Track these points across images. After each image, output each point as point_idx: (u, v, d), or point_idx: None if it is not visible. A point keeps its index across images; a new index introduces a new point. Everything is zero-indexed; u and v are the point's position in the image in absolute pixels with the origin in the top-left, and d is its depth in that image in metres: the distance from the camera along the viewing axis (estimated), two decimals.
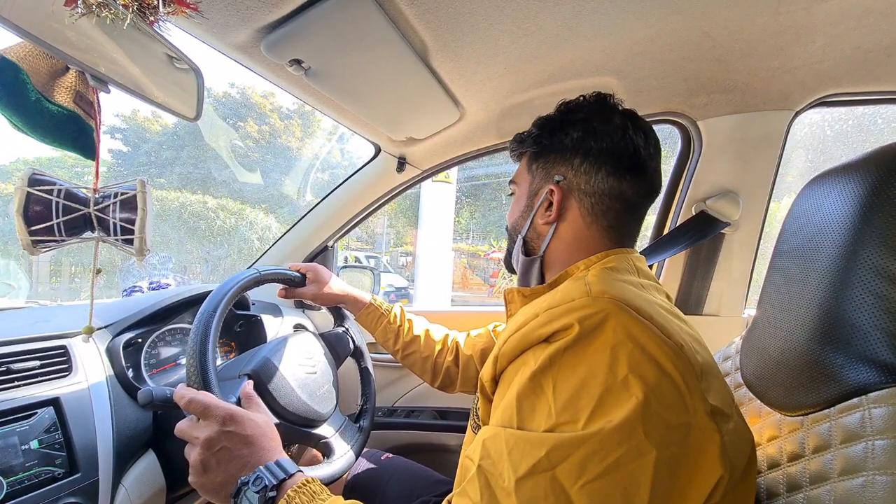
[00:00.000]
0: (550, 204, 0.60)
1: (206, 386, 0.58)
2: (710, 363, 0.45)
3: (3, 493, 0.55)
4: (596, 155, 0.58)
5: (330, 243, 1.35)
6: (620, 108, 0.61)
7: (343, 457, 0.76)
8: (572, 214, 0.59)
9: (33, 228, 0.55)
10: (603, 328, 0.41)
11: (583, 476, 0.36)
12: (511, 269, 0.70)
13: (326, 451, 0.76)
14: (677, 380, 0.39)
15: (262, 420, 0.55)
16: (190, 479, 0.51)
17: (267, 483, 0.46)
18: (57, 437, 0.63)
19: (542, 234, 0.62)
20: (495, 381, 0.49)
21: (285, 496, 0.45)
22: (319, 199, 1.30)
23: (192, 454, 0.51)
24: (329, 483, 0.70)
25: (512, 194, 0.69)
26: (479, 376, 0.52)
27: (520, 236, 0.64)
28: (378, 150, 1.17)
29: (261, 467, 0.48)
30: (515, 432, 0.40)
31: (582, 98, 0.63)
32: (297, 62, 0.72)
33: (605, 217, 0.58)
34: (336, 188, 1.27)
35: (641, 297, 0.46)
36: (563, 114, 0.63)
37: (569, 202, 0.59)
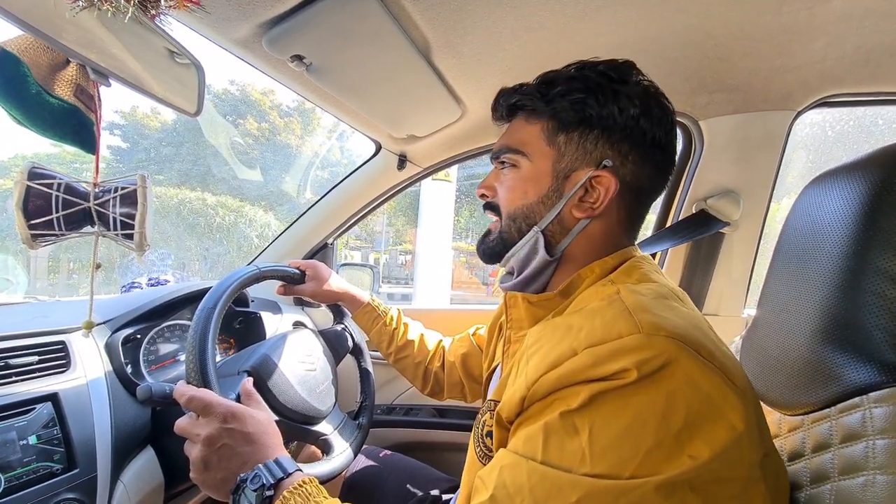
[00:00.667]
0: (586, 191, 0.49)
1: (205, 382, 0.58)
2: (756, 393, 0.41)
3: (2, 488, 0.55)
4: (647, 145, 0.48)
5: (330, 241, 1.35)
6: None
7: (342, 454, 0.76)
8: (609, 209, 0.50)
9: (33, 222, 0.54)
10: (663, 373, 0.35)
11: None
12: (493, 261, 0.58)
13: (325, 448, 0.76)
14: (741, 432, 0.34)
15: (262, 417, 0.55)
16: (191, 475, 0.51)
17: (265, 482, 0.46)
18: (55, 432, 0.63)
19: (568, 228, 0.51)
20: (519, 415, 0.43)
21: (281, 497, 0.45)
22: (319, 197, 1.30)
23: (193, 451, 0.51)
24: (328, 480, 0.70)
25: (503, 165, 0.55)
26: (497, 410, 0.45)
27: (537, 228, 0.52)
28: (378, 148, 1.17)
29: (260, 465, 0.48)
30: (539, 467, 0.36)
31: (629, 62, 0.50)
32: (299, 58, 0.72)
33: (638, 215, 0.52)
34: (336, 186, 1.27)
35: (693, 324, 0.40)
36: (609, 78, 0.49)
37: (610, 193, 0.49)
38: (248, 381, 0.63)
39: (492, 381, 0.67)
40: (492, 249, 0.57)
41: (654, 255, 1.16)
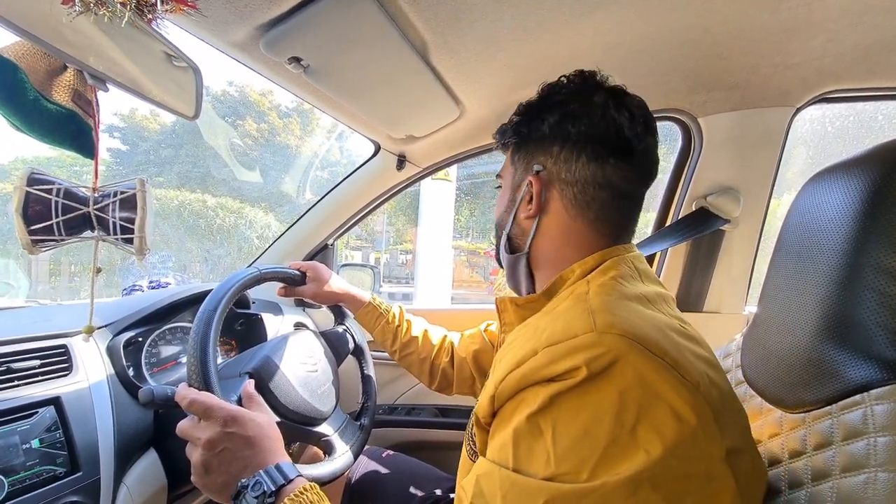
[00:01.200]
0: (532, 197, 0.56)
1: (206, 385, 0.58)
2: (726, 391, 0.42)
3: (5, 492, 0.55)
4: (575, 140, 0.53)
5: (330, 241, 1.35)
6: (606, 85, 0.56)
7: (344, 455, 0.76)
8: (555, 207, 0.55)
9: (33, 228, 0.54)
10: (612, 371, 0.37)
11: None
12: (500, 265, 0.66)
13: (327, 449, 0.76)
14: (694, 426, 0.36)
15: (263, 420, 0.55)
16: (193, 478, 0.51)
17: (266, 489, 0.46)
18: (58, 436, 0.63)
19: (525, 229, 0.58)
20: (492, 415, 0.45)
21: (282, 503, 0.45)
22: (319, 198, 1.30)
23: (195, 455, 0.51)
24: (330, 481, 0.70)
25: (499, 187, 0.65)
26: (475, 411, 0.48)
27: (504, 232, 0.61)
28: (378, 148, 1.17)
29: (260, 471, 0.48)
30: (511, 475, 0.38)
31: (564, 78, 0.58)
32: (297, 60, 0.72)
33: (590, 208, 0.53)
34: (335, 186, 1.27)
35: (653, 324, 0.42)
36: (542, 98, 0.58)
37: (550, 193, 0.55)
38: (250, 384, 0.63)
39: None
40: (497, 257, 0.66)
41: (654, 254, 1.15)
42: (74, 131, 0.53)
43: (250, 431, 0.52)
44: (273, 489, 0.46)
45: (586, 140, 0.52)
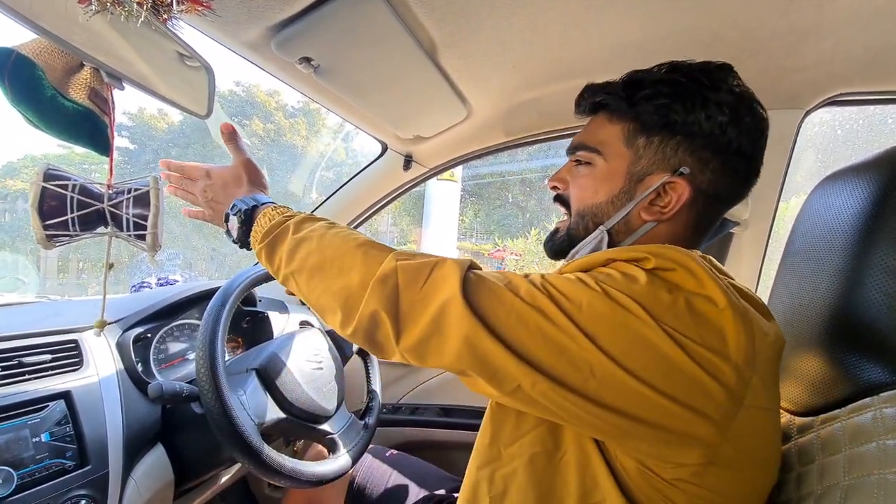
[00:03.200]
0: (658, 195, 0.49)
1: (215, 380, 0.59)
2: (775, 348, 0.41)
3: (15, 484, 0.56)
4: (732, 153, 0.47)
5: None
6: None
7: (348, 453, 0.77)
8: (679, 214, 0.49)
9: (48, 223, 0.55)
10: (674, 270, 0.39)
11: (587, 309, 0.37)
12: (559, 257, 0.58)
13: (332, 447, 0.76)
14: (730, 336, 0.36)
15: (228, 171, 0.65)
16: (206, 215, 0.66)
17: (241, 207, 0.58)
18: (68, 429, 0.64)
19: (633, 228, 0.51)
20: None
21: (259, 216, 0.57)
22: (325, 198, 1.30)
23: (199, 202, 0.66)
24: (333, 479, 0.71)
25: (578, 162, 0.54)
26: None
27: (603, 227, 0.52)
28: (385, 149, 1.18)
29: (236, 199, 0.60)
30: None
31: (726, 65, 0.49)
32: (307, 60, 0.73)
33: (708, 222, 0.51)
34: (342, 186, 1.27)
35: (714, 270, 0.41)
36: (699, 83, 0.47)
37: (684, 199, 0.48)
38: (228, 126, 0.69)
39: None
40: (559, 246, 0.57)
41: None
42: (90, 129, 0.54)
43: (220, 180, 0.64)
44: (246, 207, 0.58)
45: (740, 158, 0.48)
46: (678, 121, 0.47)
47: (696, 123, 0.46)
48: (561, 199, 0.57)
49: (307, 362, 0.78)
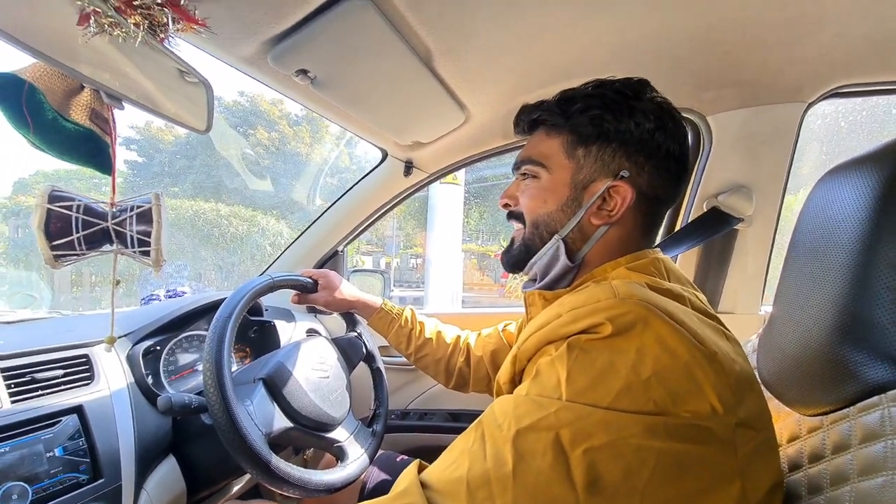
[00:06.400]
0: (604, 200, 0.53)
1: (221, 392, 0.60)
2: (748, 375, 0.42)
3: (30, 499, 0.57)
4: (663, 156, 0.52)
5: (340, 248, 1.36)
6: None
7: (357, 460, 0.77)
8: (626, 216, 0.53)
9: (54, 243, 0.56)
10: (633, 329, 0.39)
11: (587, 441, 0.35)
12: (516, 269, 0.61)
13: (340, 455, 0.77)
14: (707, 389, 0.37)
15: None
16: None
17: None
18: (81, 443, 0.65)
19: (588, 234, 0.54)
20: (514, 382, 0.47)
21: None
22: (329, 205, 1.31)
23: None
24: (343, 487, 0.71)
25: (525, 176, 0.58)
26: (497, 379, 0.50)
27: (558, 236, 0.55)
28: (385, 155, 1.18)
29: None
30: (524, 397, 0.40)
31: (643, 80, 0.54)
32: (304, 72, 0.73)
33: (653, 222, 0.54)
34: (345, 193, 1.28)
35: (671, 302, 0.43)
36: (625, 95, 0.52)
37: (627, 202, 0.52)
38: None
39: None
40: (516, 258, 0.60)
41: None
42: (92, 149, 0.55)
43: None
44: None
45: (671, 159, 0.52)
46: (611, 129, 0.52)
47: (628, 131, 0.51)
48: (514, 215, 0.60)
49: (314, 371, 0.78)
